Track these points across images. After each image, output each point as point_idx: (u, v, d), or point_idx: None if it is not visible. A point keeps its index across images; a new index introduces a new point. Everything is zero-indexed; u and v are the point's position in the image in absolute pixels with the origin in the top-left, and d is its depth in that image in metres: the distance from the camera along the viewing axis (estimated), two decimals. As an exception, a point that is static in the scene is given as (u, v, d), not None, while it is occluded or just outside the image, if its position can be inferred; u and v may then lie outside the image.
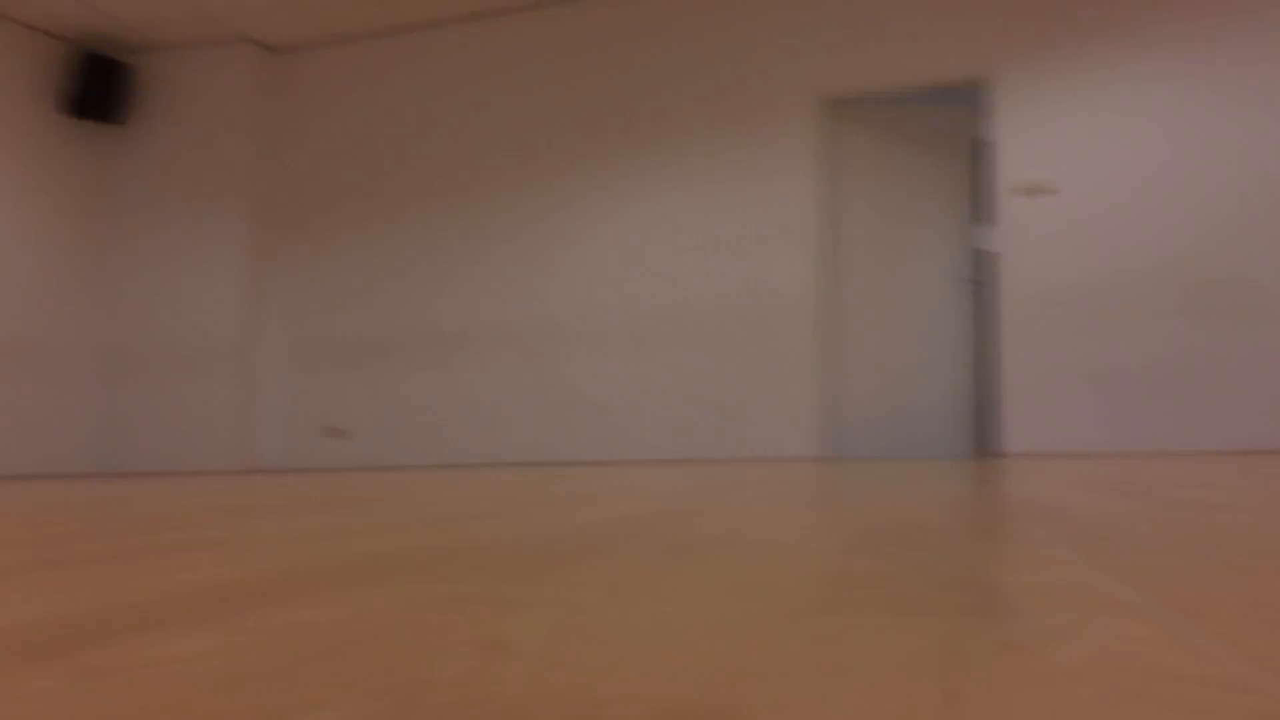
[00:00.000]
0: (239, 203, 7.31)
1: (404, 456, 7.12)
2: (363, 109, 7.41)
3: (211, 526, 1.39)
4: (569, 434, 6.72)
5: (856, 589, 0.67)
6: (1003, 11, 5.94)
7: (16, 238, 7.03)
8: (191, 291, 7.34)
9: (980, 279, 6.95)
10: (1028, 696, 0.40)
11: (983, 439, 6.27)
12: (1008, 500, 1.56)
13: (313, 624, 0.58)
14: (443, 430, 7.02)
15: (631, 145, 6.68)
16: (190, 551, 1.02)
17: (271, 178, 7.57)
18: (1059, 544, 0.90)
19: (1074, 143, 5.78)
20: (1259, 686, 0.41)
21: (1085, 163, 5.75)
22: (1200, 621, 0.53)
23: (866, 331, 6.26)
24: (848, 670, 0.45)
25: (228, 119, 7.38)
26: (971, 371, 6.32)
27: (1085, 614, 0.56)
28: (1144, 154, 5.64)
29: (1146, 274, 5.59)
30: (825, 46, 6.29)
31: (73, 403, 7.40)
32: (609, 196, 6.71)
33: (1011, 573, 0.73)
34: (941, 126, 6.43)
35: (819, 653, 0.49)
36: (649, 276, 6.56)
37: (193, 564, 0.90)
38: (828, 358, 6.21)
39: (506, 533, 1.15)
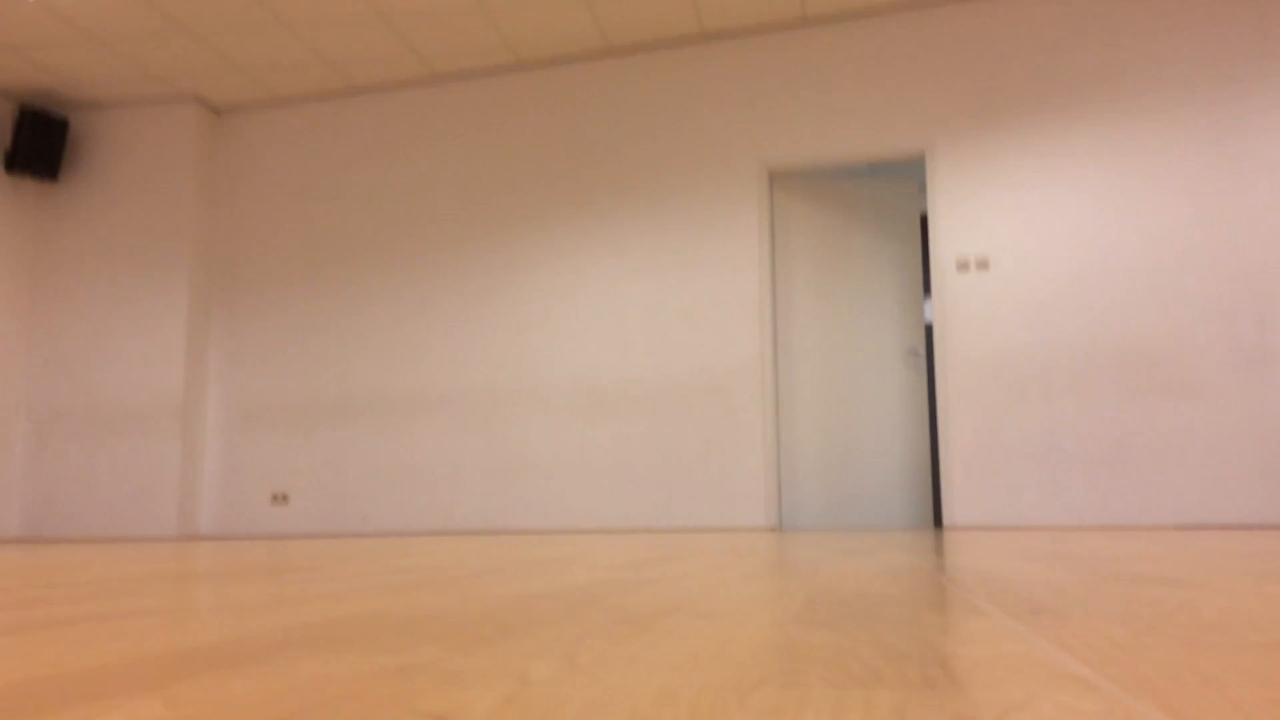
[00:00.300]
0: (180, 262, 7.24)
1: (348, 524, 7.01)
2: (309, 171, 7.41)
3: (150, 595, 1.36)
4: (517, 502, 6.66)
5: (809, 661, 0.67)
6: (941, 88, 6.12)
7: (-45, 294, 6.90)
8: (129, 352, 7.22)
9: (929, 351, 7.05)
10: (982, 771, 0.40)
11: (929, 510, 6.32)
12: (956, 571, 1.57)
13: (256, 695, 0.57)
14: (389, 497, 6.93)
15: (581, 213, 6.73)
16: (128, 620, 0.99)
17: (214, 237, 7.52)
18: (1008, 616, 0.90)
19: (1009, 217, 5.93)
20: (1208, 761, 0.41)
21: (1020, 237, 5.90)
22: (1148, 695, 0.54)
23: (816, 401, 6.31)
24: (803, 744, 0.45)
25: (170, 177, 7.34)
26: (920, 443, 6.39)
27: (1037, 687, 0.56)
28: (1077, 229, 5.80)
29: (1080, 348, 5.71)
30: (772, 120, 6.43)
31: (2, 465, 7.21)
32: (557, 264, 6.74)
33: (963, 645, 0.73)
34: (892, 200, 6.57)
35: (773, 726, 0.48)
36: (598, 344, 6.58)
37: (131, 633, 0.87)
38: (778, 427, 6.24)
39: (455, 602, 1.13)
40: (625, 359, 6.49)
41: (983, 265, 5.92)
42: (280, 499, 7.14)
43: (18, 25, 6.24)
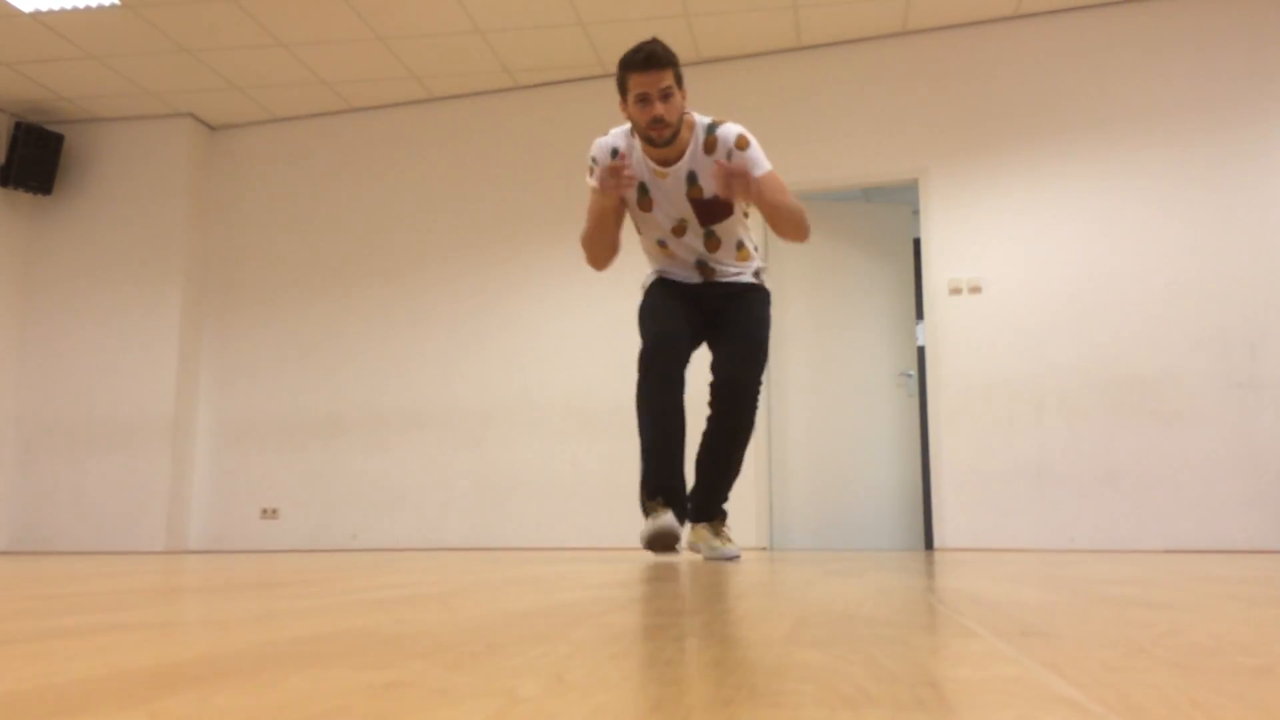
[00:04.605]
0: (173, 277, 7.24)
1: (338, 540, 6.98)
2: (303, 188, 7.42)
3: (136, 608, 1.35)
4: (507, 520, 6.64)
5: (799, 680, 0.66)
6: (936, 113, 6.15)
7: (-54, 306, 6.89)
8: (121, 366, 7.20)
9: (921, 374, 7.06)
10: (972, 792, 0.40)
11: (920, 532, 6.32)
12: (946, 593, 1.56)
13: (242, 710, 0.56)
14: (379, 514, 6.90)
15: (574, 232, 6.75)
16: (113, 633, 0.98)
17: (208, 253, 7.52)
18: (998, 638, 0.90)
19: (1002, 242, 5.96)
20: (1198, 783, 0.41)
21: (1013, 262, 5.92)
22: (1138, 719, 0.54)
23: (809, 423, 6.31)
24: (792, 764, 0.45)
25: (164, 193, 7.35)
26: (912, 465, 6.38)
27: (1027, 709, 0.56)
28: (1069, 255, 5.83)
29: (1071, 372, 5.73)
30: (766, 143, 6.45)
31: (-6, 477, 7.18)
32: (551, 283, 6.75)
33: (953, 666, 0.73)
34: (885, 224, 6.59)
35: (762, 746, 0.48)
36: (590, 363, 6.58)
37: (116, 646, 0.87)
38: (769, 448, 6.23)
39: (443, 618, 1.13)
40: (617, 378, 6.49)
41: (975, 289, 5.94)
42: (270, 514, 7.11)
43: (14, 40, 6.25)
